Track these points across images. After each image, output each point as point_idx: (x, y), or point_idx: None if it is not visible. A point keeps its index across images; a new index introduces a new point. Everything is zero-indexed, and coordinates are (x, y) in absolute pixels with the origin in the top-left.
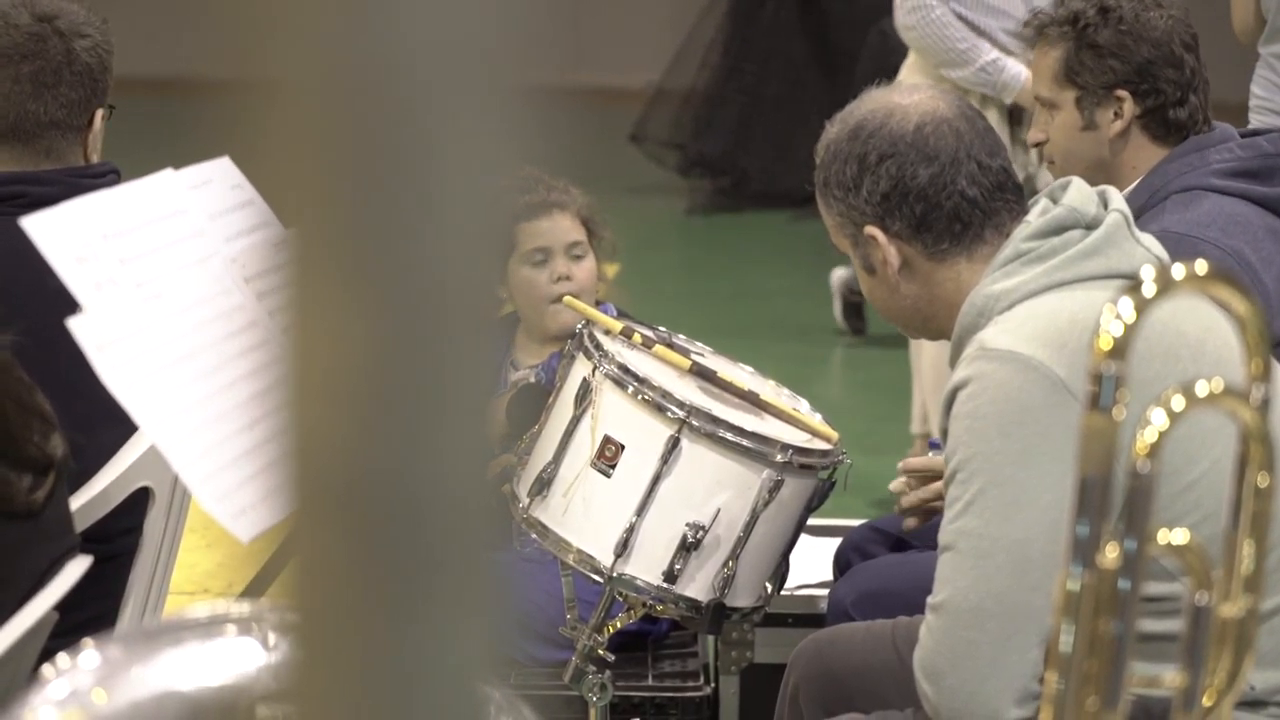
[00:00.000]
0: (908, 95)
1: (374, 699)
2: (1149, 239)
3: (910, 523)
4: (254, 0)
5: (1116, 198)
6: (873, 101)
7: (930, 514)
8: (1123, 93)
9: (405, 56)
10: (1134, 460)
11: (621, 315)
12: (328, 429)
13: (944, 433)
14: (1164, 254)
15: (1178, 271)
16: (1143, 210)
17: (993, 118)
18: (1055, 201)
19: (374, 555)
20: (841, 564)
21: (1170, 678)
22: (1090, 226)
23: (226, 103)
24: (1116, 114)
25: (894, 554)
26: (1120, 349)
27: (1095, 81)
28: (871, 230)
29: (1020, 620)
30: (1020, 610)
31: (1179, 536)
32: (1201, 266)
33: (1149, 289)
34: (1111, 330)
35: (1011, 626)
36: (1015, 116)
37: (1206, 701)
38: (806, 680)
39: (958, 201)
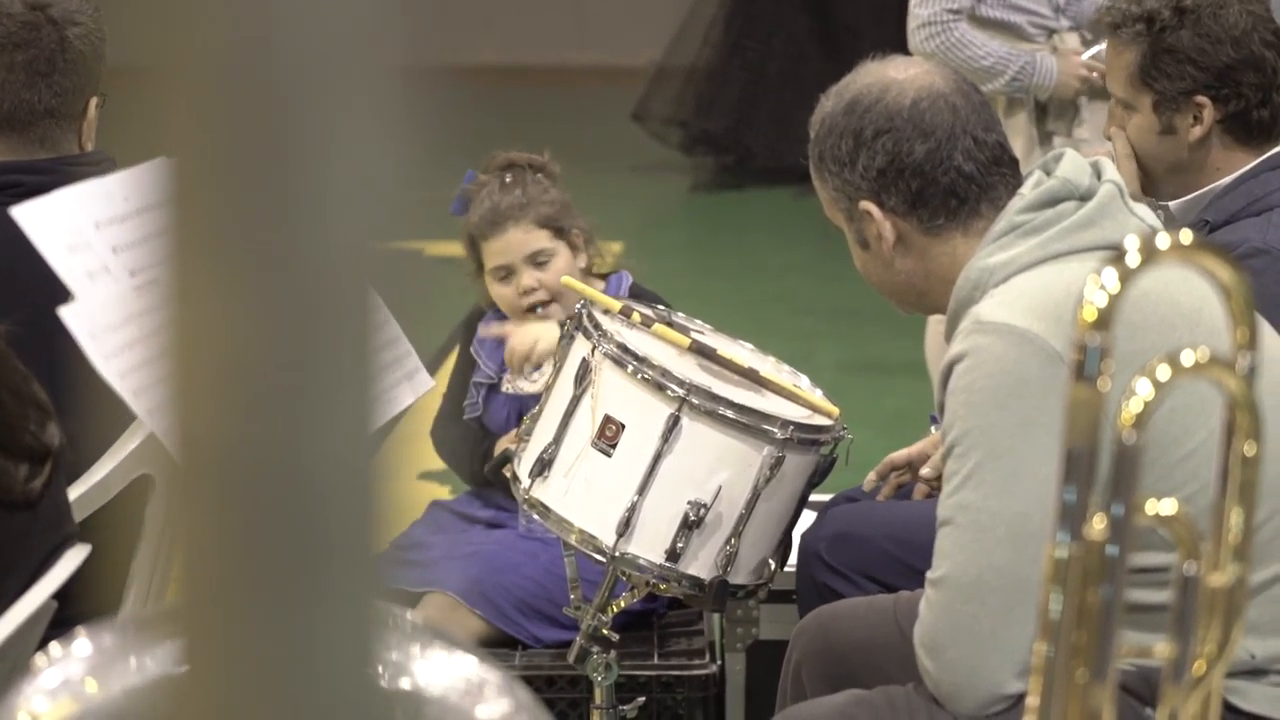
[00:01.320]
0: (903, 69)
1: (259, 677)
2: (1143, 209)
3: (871, 480)
4: None
5: (1109, 168)
6: (868, 75)
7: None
8: (1203, 99)
9: (284, 40)
10: (1120, 430)
11: (637, 287)
12: (209, 411)
13: (941, 407)
14: (1158, 224)
15: (1162, 241)
16: (1239, 215)
17: (1020, 121)
18: (1049, 174)
19: (255, 537)
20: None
21: (1160, 648)
22: (1084, 198)
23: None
24: (1196, 119)
25: (861, 504)
26: (1105, 319)
27: (1173, 87)
28: (867, 205)
29: (1020, 593)
30: (1020, 583)
31: (1167, 507)
32: (1185, 236)
33: (1133, 259)
34: (1095, 301)
35: (1011, 599)
36: (1042, 110)
37: (1196, 671)
38: (809, 656)
39: (954, 177)
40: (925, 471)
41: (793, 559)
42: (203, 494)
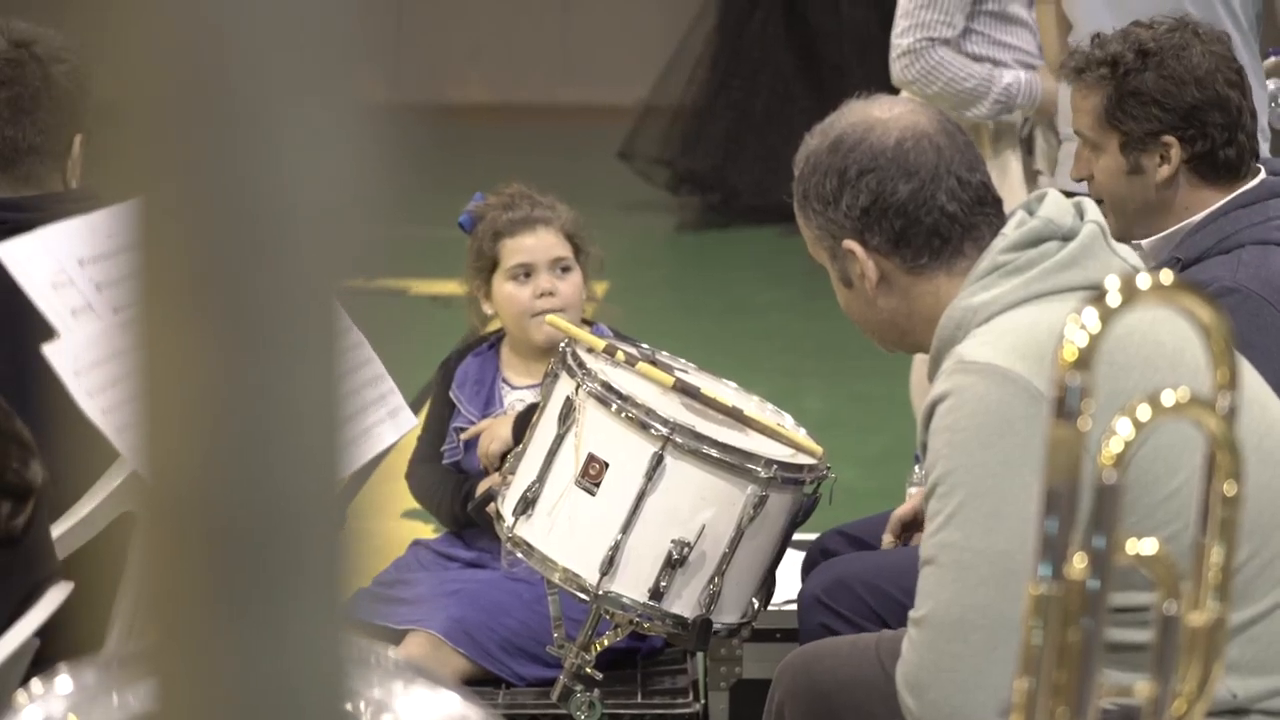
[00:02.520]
0: (888, 109)
1: (228, 710)
2: (1125, 249)
3: (888, 541)
4: (102, 20)
5: (1092, 209)
6: (853, 114)
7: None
8: (1169, 139)
9: (249, 78)
10: (1100, 470)
11: (618, 336)
12: (176, 447)
13: (923, 446)
14: (1140, 264)
15: (1143, 281)
16: (1209, 252)
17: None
18: (1031, 214)
19: (223, 572)
20: (809, 569)
21: (1140, 687)
22: (1067, 238)
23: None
24: (1163, 158)
25: (859, 551)
26: (1085, 359)
27: (1140, 129)
28: (850, 244)
29: (1003, 632)
30: (1003, 622)
31: (1147, 546)
32: (1166, 276)
33: (1114, 299)
34: (1076, 340)
35: (994, 639)
36: (1027, 149)
37: (1176, 710)
38: (791, 696)
39: (937, 217)
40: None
41: (790, 594)
42: (172, 530)
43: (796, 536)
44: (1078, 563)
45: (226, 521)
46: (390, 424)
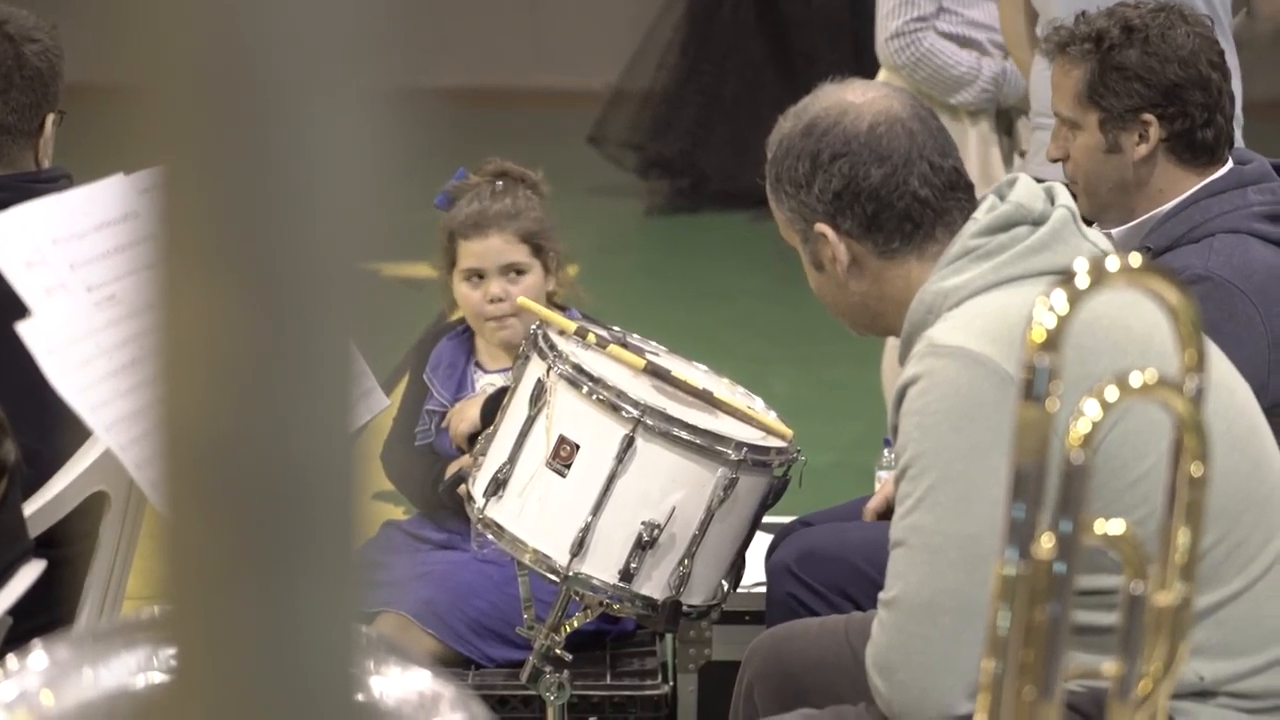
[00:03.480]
0: (862, 93)
1: (247, 669)
2: (1095, 234)
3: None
4: (125, 3)
5: (1063, 194)
6: (826, 98)
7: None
8: (1149, 116)
9: (272, 51)
10: (1068, 451)
11: (586, 319)
12: (197, 406)
13: (894, 429)
14: (1110, 248)
15: (1111, 264)
16: (1180, 241)
17: (983, 128)
18: (1002, 198)
19: (241, 529)
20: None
21: (1106, 667)
22: (1037, 223)
23: (115, 103)
24: (1141, 137)
25: (833, 524)
26: (1053, 341)
27: (1120, 105)
28: (822, 227)
29: (972, 615)
30: (972, 605)
31: (1114, 527)
32: (1134, 259)
33: (1082, 281)
34: (1044, 322)
35: (963, 621)
36: (1004, 125)
37: (1142, 690)
38: (761, 677)
39: (909, 202)
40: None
41: (759, 577)
42: (189, 487)
43: (766, 519)
44: (1045, 543)
45: (245, 478)
46: (362, 404)
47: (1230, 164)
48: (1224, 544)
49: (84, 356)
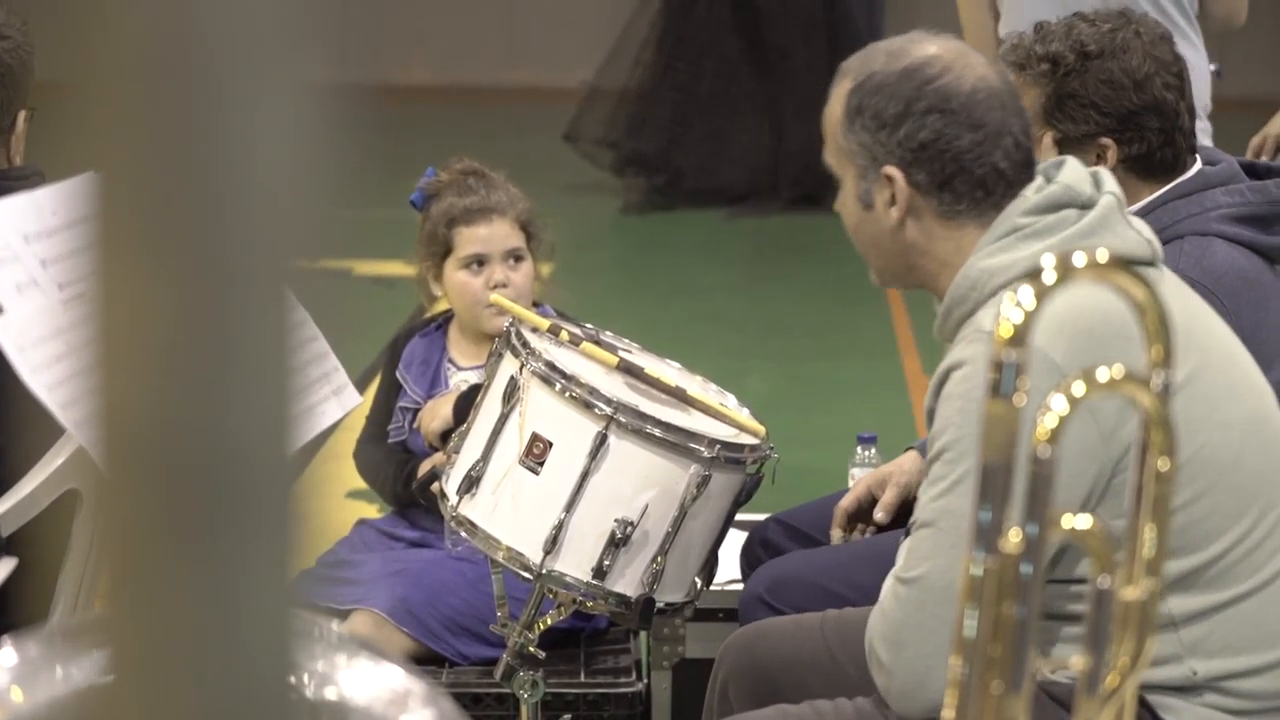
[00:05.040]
0: (963, 55)
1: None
2: (1138, 222)
3: (837, 535)
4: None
5: (1109, 180)
6: (928, 47)
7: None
8: (1106, 141)
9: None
10: (1035, 446)
11: (561, 316)
12: (132, 393)
13: (930, 413)
14: (1154, 237)
15: (1078, 259)
16: None
17: None
18: (1049, 179)
19: (177, 515)
20: (750, 559)
21: (1074, 660)
22: (1085, 207)
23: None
24: (1100, 157)
25: (800, 550)
26: (1021, 336)
27: (1076, 130)
28: (892, 171)
29: None
30: None
31: (1082, 521)
32: (1102, 254)
33: (1049, 276)
34: (1012, 318)
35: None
36: None
37: (1110, 683)
38: (735, 674)
39: (988, 171)
40: (879, 516)
41: (732, 574)
42: (126, 473)
43: (739, 516)
44: (1012, 537)
45: (180, 464)
46: (334, 401)
47: (1198, 165)
48: (1243, 544)
49: (55, 354)
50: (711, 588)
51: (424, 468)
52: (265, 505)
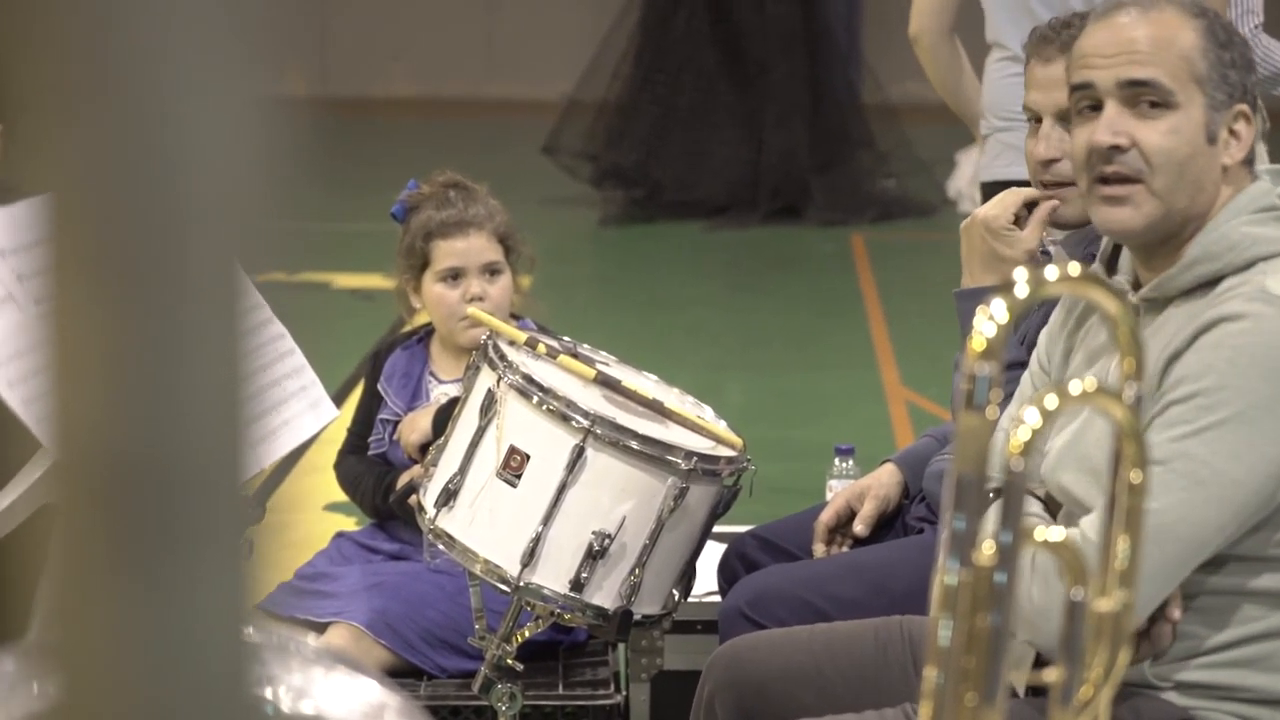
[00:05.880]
0: None
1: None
2: None
3: (820, 551)
4: (8, 10)
5: None
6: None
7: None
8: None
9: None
10: (1008, 459)
11: (543, 330)
12: (84, 412)
13: (1174, 355)
14: None
15: (1050, 273)
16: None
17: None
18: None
19: (127, 531)
20: (727, 574)
21: (1048, 673)
22: None
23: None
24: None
25: (780, 564)
26: (993, 350)
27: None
28: (1247, 109)
29: (1198, 554)
30: (1203, 546)
31: (1055, 534)
32: (1074, 268)
33: (1021, 290)
34: (984, 331)
35: (1189, 556)
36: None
37: (1083, 695)
38: (722, 688)
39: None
40: (859, 529)
41: (710, 586)
42: (76, 489)
43: (717, 528)
44: (985, 549)
45: (131, 481)
46: (311, 415)
47: None
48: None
49: (32, 368)
50: (689, 600)
51: (402, 480)
52: (216, 523)
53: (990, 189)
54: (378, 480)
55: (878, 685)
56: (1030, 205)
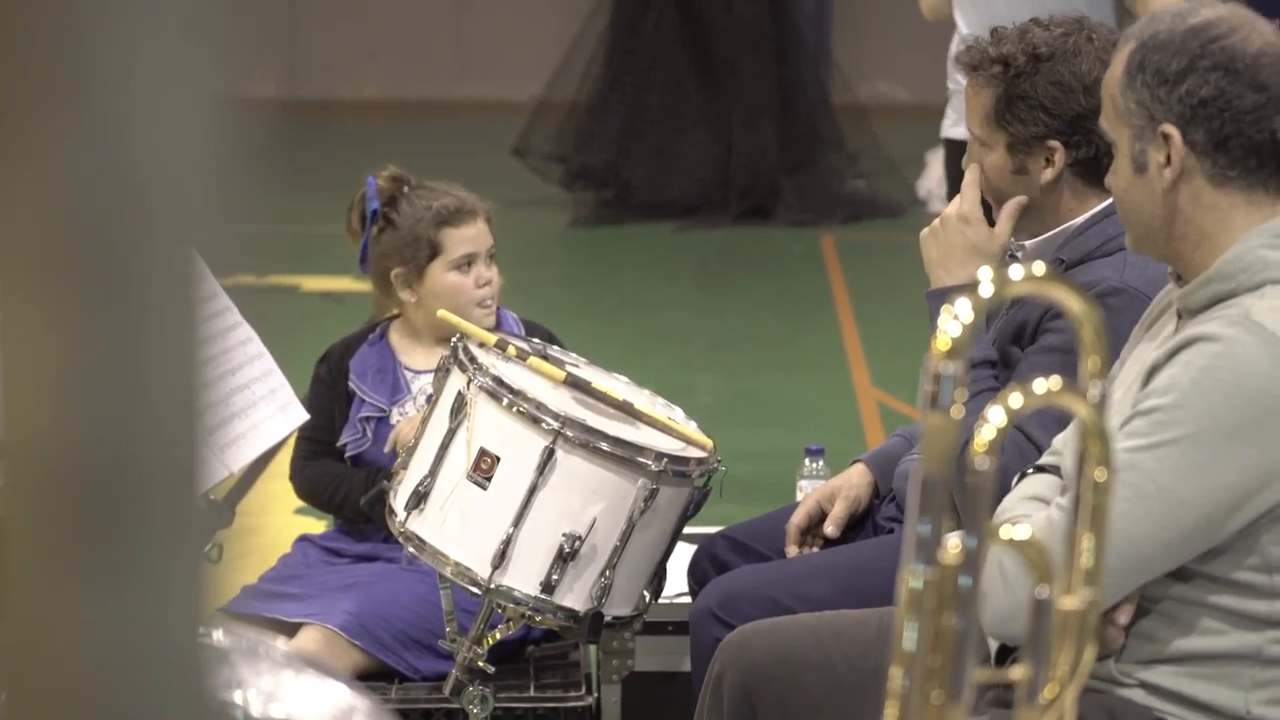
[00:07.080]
0: (1251, 22)
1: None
2: None
3: (793, 553)
4: None
5: None
6: (1214, 10)
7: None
8: (1054, 143)
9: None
10: (972, 458)
11: (527, 323)
12: (37, 414)
13: (1153, 368)
14: None
15: (1015, 272)
16: (1093, 255)
17: None
18: None
19: (82, 531)
20: (697, 574)
21: (1013, 671)
22: None
23: None
24: (1048, 161)
25: (751, 565)
26: (958, 349)
27: (1026, 131)
28: (1169, 129)
29: (1137, 566)
30: (1144, 559)
31: (1020, 532)
32: (1038, 267)
33: (986, 289)
34: (949, 331)
35: (1126, 568)
36: None
37: (1049, 694)
38: (730, 670)
39: (1266, 139)
40: (829, 530)
41: (680, 587)
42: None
43: (687, 529)
44: (951, 549)
45: (82, 485)
46: (281, 418)
47: None
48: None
49: None
50: (660, 601)
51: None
52: (173, 526)
53: (954, 147)
54: (365, 480)
55: (881, 671)
56: (986, 204)
